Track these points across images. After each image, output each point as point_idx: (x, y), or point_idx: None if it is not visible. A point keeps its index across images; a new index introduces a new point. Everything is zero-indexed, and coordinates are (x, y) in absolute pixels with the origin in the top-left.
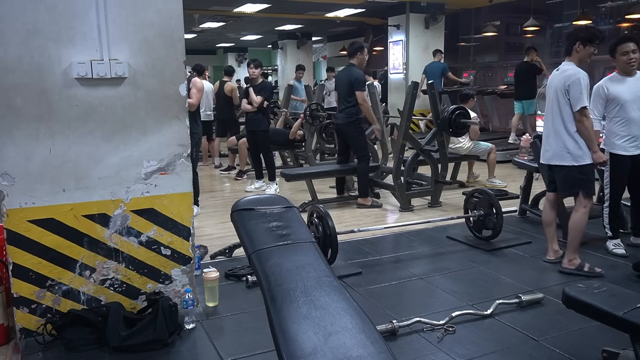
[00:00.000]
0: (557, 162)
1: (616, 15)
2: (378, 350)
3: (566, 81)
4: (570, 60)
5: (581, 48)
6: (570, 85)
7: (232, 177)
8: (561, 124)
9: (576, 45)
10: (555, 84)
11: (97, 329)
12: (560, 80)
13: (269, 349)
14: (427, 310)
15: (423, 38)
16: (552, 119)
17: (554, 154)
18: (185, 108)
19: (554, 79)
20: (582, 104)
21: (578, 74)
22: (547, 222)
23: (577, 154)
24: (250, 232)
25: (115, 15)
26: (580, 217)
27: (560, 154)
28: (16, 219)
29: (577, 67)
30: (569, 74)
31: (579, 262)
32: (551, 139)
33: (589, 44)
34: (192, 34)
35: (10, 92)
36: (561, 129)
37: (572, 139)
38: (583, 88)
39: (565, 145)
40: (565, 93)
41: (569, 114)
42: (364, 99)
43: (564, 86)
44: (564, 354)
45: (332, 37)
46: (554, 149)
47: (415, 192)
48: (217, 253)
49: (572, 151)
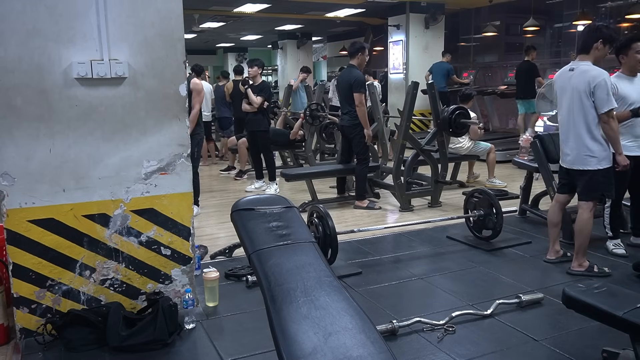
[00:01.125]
0: (580, 167)
1: (616, 15)
2: (378, 350)
3: (591, 82)
4: (586, 58)
5: (602, 47)
6: (596, 86)
7: (232, 177)
8: (584, 126)
9: (598, 43)
10: (575, 85)
11: (97, 329)
12: (583, 81)
13: (269, 349)
14: (427, 310)
15: (423, 38)
16: (572, 122)
17: (576, 158)
18: (186, 108)
19: (572, 79)
20: (611, 106)
21: (602, 74)
22: (553, 223)
23: (601, 157)
24: (250, 232)
25: (115, 15)
26: (586, 220)
27: (583, 158)
28: (16, 219)
29: (598, 67)
30: (593, 75)
31: (587, 264)
32: (572, 143)
33: (609, 44)
34: (192, 34)
35: (10, 92)
36: (583, 132)
37: (597, 142)
38: (609, 89)
39: (589, 149)
40: (590, 95)
41: (594, 116)
42: (361, 102)
43: (589, 87)
44: (564, 354)
45: (332, 37)
46: (576, 153)
47: (415, 192)
48: (217, 253)
49: (597, 154)
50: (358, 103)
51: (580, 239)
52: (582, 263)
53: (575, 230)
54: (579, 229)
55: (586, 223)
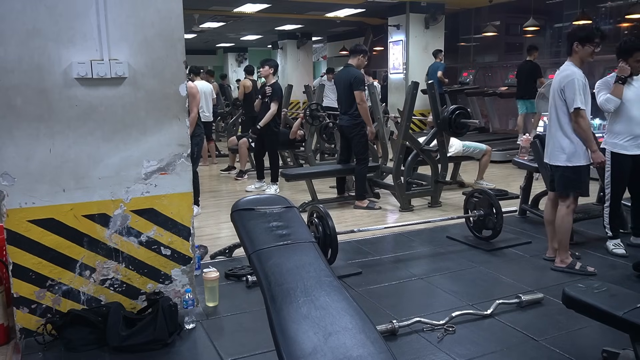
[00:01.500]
0: (553, 162)
1: (616, 15)
2: (378, 350)
3: (562, 82)
4: (570, 60)
5: (580, 48)
6: (565, 86)
7: (233, 177)
8: (557, 124)
9: (575, 45)
10: (553, 84)
11: (97, 329)
12: (556, 80)
13: (269, 349)
14: (427, 310)
15: (423, 38)
16: (550, 119)
17: (551, 153)
18: (186, 108)
19: (554, 79)
20: (576, 105)
21: (573, 74)
22: (548, 220)
23: (571, 154)
24: (250, 232)
25: (115, 15)
26: (563, 216)
27: (555, 154)
28: (16, 219)
29: (574, 68)
30: (564, 75)
31: (570, 260)
32: (549, 139)
33: (587, 44)
34: (192, 34)
35: (10, 92)
36: (556, 129)
37: (567, 139)
38: (577, 89)
39: (560, 145)
40: (561, 93)
41: (565, 113)
42: (362, 99)
43: (560, 87)
44: (564, 354)
45: (332, 37)
46: (551, 149)
47: (415, 192)
48: (217, 253)
49: (566, 151)
50: (359, 100)
51: (560, 235)
52: (564, 259)
53: (555, 226)
54: (557, 225)
55: (563, 219)
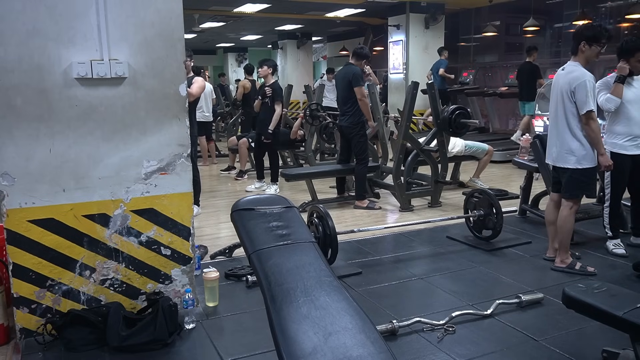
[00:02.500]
0: (561, 165)
1: (616, 15)
2: (378, 350)
3: (572, 83)
4: (576, 60)
5: (587, 48)
6: (577, 87)
7: (233, 177)
8: (566, 126)
9: (581, 44)
10: (560, 85)
11: (97, 329)
12: (565, 81)
13: (269, 349)
14: (427, 310)
15: (423, 38)
16: (556, 121)
17: (558, 155)
18: (186, 108)
19: (559, 79)
20: (588, 108)
21: (584, 76)
22: (549, 221)
23: (581, 157)
24: (250, 232)
25: (115, 15)
26: (566, 216)
27: (564, 156)
28: (16, 219)
29: (582, 69)
30: (574, 76)
31: (570, 260)
32: (556, 140)
33: (595, 44)
34: (192, 34)
35: (10, 92)
36: (565, 131)
37: (577, 141)
38: (589, 91)
39: (570, 148)
40: (571, 95)
41: (575, 115)
42: (363, 95)
43: (570, 88)
44: (564, 354)
45: (332, 37)
46: (558, 151)
47: (415, 192)
48: (217, 253)
49: (576, 154)
50: (360, 96)
51: (561, 236)
52: (564, 259)
53: (557, 227)
54: (559, 226)
55: (566, 220)
